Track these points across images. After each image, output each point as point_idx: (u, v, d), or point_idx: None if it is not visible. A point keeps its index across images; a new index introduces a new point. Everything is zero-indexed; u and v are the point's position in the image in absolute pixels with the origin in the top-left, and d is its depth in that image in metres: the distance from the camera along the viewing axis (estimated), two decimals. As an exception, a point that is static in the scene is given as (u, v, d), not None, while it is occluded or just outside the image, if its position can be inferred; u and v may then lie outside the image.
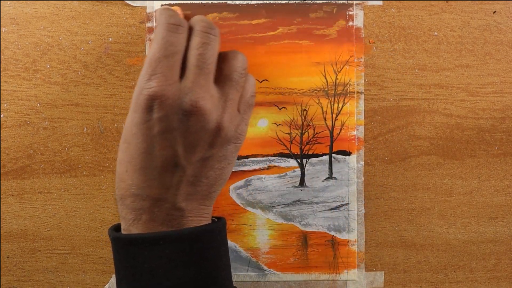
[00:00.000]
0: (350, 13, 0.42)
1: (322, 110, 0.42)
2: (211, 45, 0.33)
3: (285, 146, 0.43)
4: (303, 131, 0.43)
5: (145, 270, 0.32)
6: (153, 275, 0.31)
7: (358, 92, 0.42)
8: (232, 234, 0.43)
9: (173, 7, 0.37)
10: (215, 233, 0.33)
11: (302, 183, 0.43)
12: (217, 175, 0.34)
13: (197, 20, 0.34)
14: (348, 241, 0.43)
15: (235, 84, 0.34)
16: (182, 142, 0.32)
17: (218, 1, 0.42)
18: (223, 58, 0.34)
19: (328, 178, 0.43)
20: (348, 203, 0.43)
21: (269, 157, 0.43)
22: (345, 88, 0.42)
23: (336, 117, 0.42)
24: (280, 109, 0.43)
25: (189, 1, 0.42)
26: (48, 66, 0.42)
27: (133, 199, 0.32)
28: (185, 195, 0.33)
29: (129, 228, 0.33)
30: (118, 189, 0.33)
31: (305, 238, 0.43)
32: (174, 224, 0.32)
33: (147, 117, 0.31)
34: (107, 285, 0.43)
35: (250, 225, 0.43)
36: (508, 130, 0.43)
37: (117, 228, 0.35)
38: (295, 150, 0.43)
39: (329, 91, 0.42)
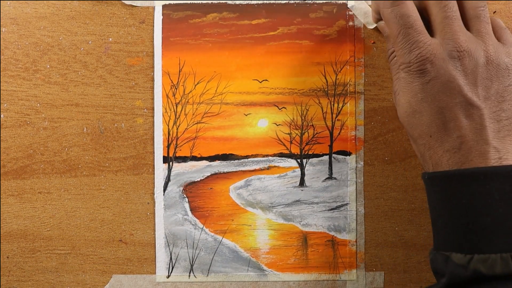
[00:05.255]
0: (350, 13, 0.42)
1: (322, 110, 0.42)
2: None
3: (285, 146, 0.43)
4: (303, 131, 0.43)
5: (463, 206, 0.33)
6: (472, 211, 0.32)
7: (358, 92, 0.42)
8: (232, 234, 0.43)
9: None
10: None
11: (302, 183, 0.43)
12: None
13: None
14: (348, 241, 0.43)
15: (482, 19, 0.36)
16: (465, 84, 0.34)
17: (218, 1, 0.42)
18: (461, 3, 0.37)
19: (328, 178, 0.43)
20: (348, 203, 0.43)
21: (269, 157, 0.43)
22: (345, 88, 0.42)
23: (336, 117, 0.43)
24: (280, 109, 0.43)
25: (189, 1, 0.42)
26: (48, 66, 0.42)
27: (442, 149, 0.34)
28: (494, 133, 0.34)
29: (436, 167, 0.35)
30: (426, 151, 0.35)
31: (305, 238, 0.43)
32: (489, 162, 0.33)
33: (425, 80, 0.35)
34: (107, 285, 0.43)
35: (250, 225, 0.43)
36: (508, 130, 0.43)
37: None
38: (295, 150, 0.43)
39: (329, 91, 0.42)
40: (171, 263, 0.43)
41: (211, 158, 0.43)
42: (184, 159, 0.43)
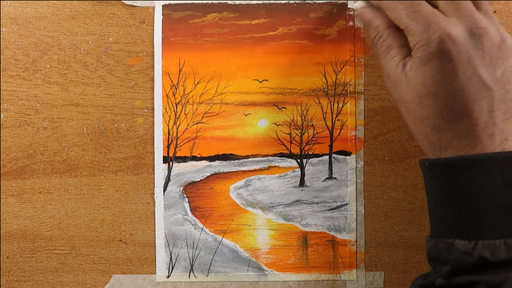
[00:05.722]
0: (350, 13, 0.42)
1: (322, 110, 0.42)
2: None
3: (285, 146, 0.43)
4: (303, 131, 0.43)
5: (466, 192, 0.32)
6: (476, 197, 0.32)
7: (358, 92, 0.42)
8: (232, 234, 0.43)
9: None
10: None
11: (302, 183, 0.43)
12: None
13: None
14: (348, 241, 0.43)
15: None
16: (482, 64, 0.33)
17: (218, 1, 0.42)
18: None
19: (328, 178, 0.43)
20: (348, 203, 0.43)
21: (269, 157, 0.43)
22: (345, 88, 0.42)
23: (336, 117, 0.43)
24: (280, 109, 0.43)
25: (189, 1, 0.42)
26: (48, 66, 0.42)
27: (452, 132, 0.33)
28: (501, 114, 0.33)
29: (440, 155, 0.34)
30: (434, 134, 0.34)
31: (305, 238, 0.43)
32: (495, 147, 0.33)
33: (446, 60, 0.33)
34: (107, 285, 0.43)
35: (250, 225, 0.43)
36: (508, 130, 0.43)
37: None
38: (295, 150, 0.43)
39: (329, 91, 0.42)
40: (171, 263, 0.43)
41: (211, 158, 0.43)
42: (184, 159, 0.43)
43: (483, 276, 0.31)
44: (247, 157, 0.43)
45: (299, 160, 0.43)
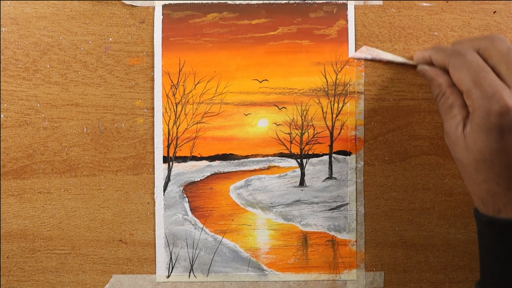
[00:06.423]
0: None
1: (322, 110, 0.42)
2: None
3: (285, 146, 0.43)
4: (303, 131, 0.43)
5: None
6: None
7: (358, 92, 0.42)
8: (232, 234, 0.43)
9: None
10: None
11: (302, 183, 0.43)
12: None
13: (480, 38, 0.37)
14: (348, 241, 0.43)
15: None
16: None
17: (218, 1, 0.42)
18: None
19: (328, 178, 0.43)
20: (348, 203, 0.43)
21: (269, 157, 0.43)
22: (345, 88, 0.42)
23: (336, 117, 0.43)
24: (280, 109, 0.43)
25: (189, 1, 0.42)
26: (48, 66, 0.42)
27: (508, 198, 0.34)
28: None
29: (498, 213, 0.35)
30: (489, 197, 0.35)
31: (305, 238, 0.43)
32: None
33: (505, 131, 0.33)
34: (107, 285, 0.43)
35: (250, 225, 0.43)
36: (508, 130, 0.43)
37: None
38: (295, 150, 0.43)
39: (329, 91, 0.42)
40: (171, 263, 0.43)
41: (211, 158, 0.43)
42: (184, 159, 0.43)
43: None
44: (247, 157, 0.43)
45: (299, 160, 0.43)
